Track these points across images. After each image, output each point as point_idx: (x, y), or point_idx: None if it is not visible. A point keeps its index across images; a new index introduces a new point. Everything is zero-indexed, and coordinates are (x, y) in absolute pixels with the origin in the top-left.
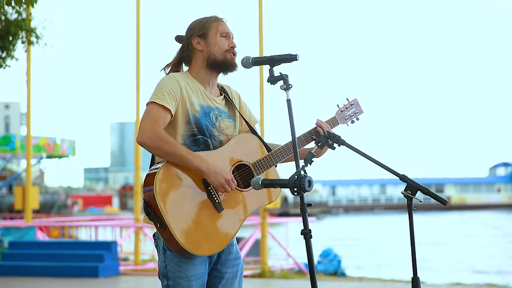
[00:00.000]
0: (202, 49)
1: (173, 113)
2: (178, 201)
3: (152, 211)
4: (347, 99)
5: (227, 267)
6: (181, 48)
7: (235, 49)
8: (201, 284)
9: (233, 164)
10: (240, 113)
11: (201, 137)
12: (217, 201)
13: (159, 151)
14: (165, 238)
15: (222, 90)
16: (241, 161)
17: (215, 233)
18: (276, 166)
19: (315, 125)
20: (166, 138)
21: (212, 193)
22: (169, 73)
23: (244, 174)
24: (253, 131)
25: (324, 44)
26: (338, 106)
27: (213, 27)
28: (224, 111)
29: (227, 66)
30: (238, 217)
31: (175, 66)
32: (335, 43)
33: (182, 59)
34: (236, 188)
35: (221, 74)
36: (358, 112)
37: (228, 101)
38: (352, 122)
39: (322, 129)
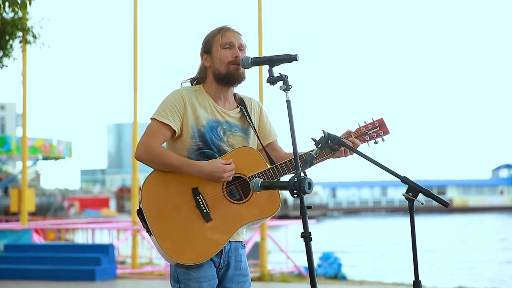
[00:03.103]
0: (209, 65)
1: (175, 128)
2: (164, 208)
3: (142, 217)
4: (372, 118)
5: (232, 283)
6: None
7: (239, 58)
8: (212, 287)
9: None
10: (254, 128)
11: (208, 150)
12: (205, 211)
13: (153, 163)
14: (154, 244)
15: (240, 102)
16: (238, 173)
17: (201, 242)
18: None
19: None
20: (159, 150)
21: (201, 203)
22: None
23: (240, 186)
24: (263, 146)
25: (326, 44)
26: (358, 124)
27: (216, 41)
28: (237, 125)
29: (231, 78)
30: (227, 228)
31: (194, 81)
32: (337, 43)
33: (200, 75)
34: (229, 200)
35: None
36: (382, 133)
37: (244, 115)
38: (376, 142)
39: (323, 131)
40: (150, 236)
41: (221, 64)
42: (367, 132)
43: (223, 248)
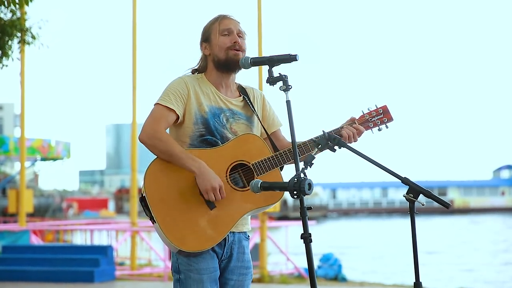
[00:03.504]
0: (209, 53)
1: (178, 113)
2: (168, 195)
3: (144, 204)
4: (375, 105)
5: (233, 274)
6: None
7: (237, 44)
8: (214, 279)
9: (232, 163)
10: (258, 116)
11: (210, 137)
12: None
13: (155, 149)
14: (157, 232)
15: (243, 92)
16: (242, 160)
17: (205, 230)
18: (282, 168)
19: (340, 132)
20: (163, 136)
21: None
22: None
23: (243, 173)
24: (268, 135)
25: (326, 44)
26: (362, 111)
27: (214, 28)
28: (241, 112)
29: (230, 64)
30: (231, 216)
31: (196, 71)
32: (337, 43)
33: (201, 65)
34: (232, 187)
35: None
36: (386, 120)
37: (247, 103)
38: (379, 129)
39: (323, 132)
40: (153, 223)
41: (220, 51)
42: (371, 119)
43: (226, 239)
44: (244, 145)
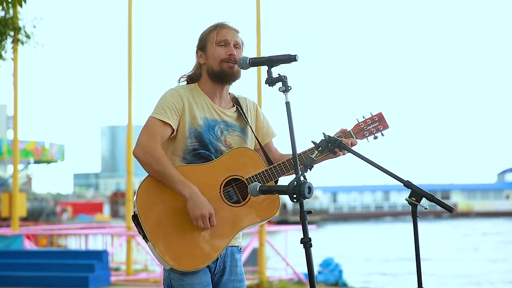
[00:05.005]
0: (204, 62)
1: (174, 127)
2: (160, 213)
3: (137, 223)
4: (370, 113)
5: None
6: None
7: (233, 56)
8: None
9: (226, 178)
10: (251, 127)
11: (204, 151)
12: None
13: (148, 167)
14: (150, 250)
15: (236, 102)
16: (235, 175)
17: (200, 248)
18: (277, 182)
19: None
20: (158, 156)
21: None
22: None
23: (237, 188)
24: (261, 146)
25: (327, 42)
26: (357, 120)
27: (210, 38)
28: (235, 124)
29: (224, 76)
30: (227, 232)
31: (190, 78)
32: (338, 42)
33: (196, 72)
34: (227, 203)
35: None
36: (382, 128)
37: (241, 114)
38: (375, 138)
39: (324, 134)
40: (146, 242)
41: (214, 62)
42: (366, 128)
43: None
44: (237, 159)
